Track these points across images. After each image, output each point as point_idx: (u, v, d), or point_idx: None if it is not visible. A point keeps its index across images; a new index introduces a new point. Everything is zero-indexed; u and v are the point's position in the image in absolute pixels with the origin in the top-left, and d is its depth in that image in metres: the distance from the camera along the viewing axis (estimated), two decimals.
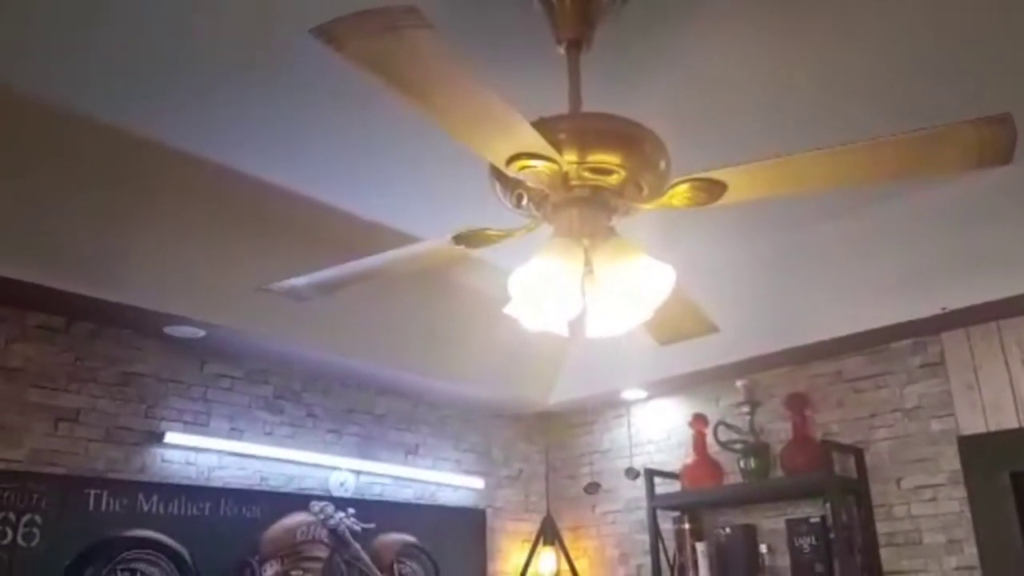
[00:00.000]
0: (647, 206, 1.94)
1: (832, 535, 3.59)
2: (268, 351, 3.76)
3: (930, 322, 3.48)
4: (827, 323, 3.66)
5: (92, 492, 3.19)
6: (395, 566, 4.10)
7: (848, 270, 3.56)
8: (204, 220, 3.20)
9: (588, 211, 1.91)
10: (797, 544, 3.81)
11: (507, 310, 1.93)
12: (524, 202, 1.95)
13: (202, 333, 3.45)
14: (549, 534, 4.73)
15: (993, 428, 3.40)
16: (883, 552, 3.61)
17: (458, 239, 2.10)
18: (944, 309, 3.33)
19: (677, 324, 2.49)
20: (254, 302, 2.95)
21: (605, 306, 1.98)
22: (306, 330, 3.53)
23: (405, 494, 4.30)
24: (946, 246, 3.30)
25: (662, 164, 1.88)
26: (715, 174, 1.81)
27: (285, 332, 3.50)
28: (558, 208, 1.93)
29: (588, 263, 1.91)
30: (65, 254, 2.93)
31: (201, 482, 3.54)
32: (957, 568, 3.40)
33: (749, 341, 3.77)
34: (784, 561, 3.87)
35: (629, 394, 4.56)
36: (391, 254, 2.25)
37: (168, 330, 3.41)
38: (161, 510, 3.35)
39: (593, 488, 4.49)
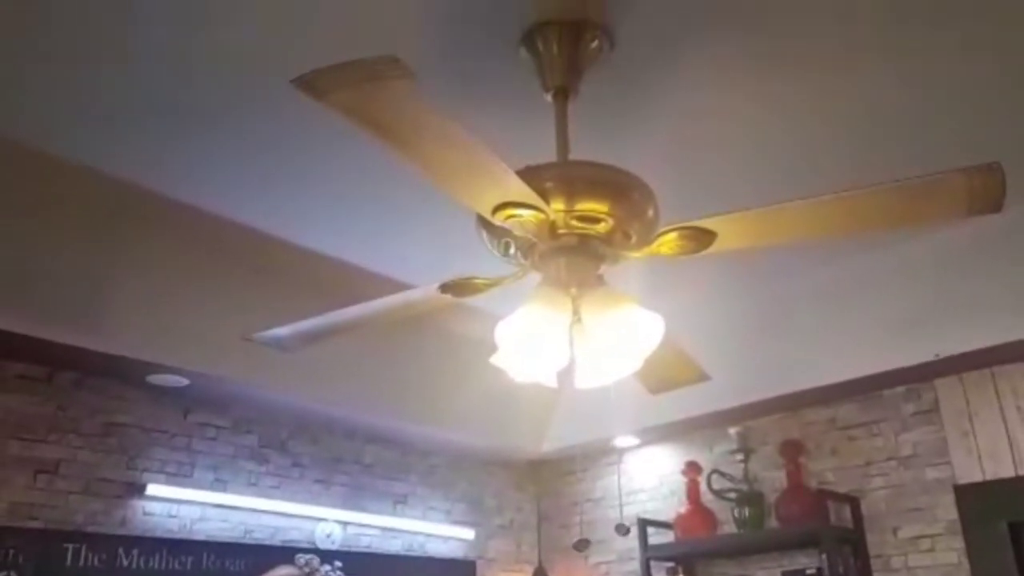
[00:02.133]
0: (636, 254, 1.92)
1: None
2: (253, 400, 3.70)
3: (923, 369, 3.45)
4: (819, 370, 3.62)
5: (71, 547, 3.10)
6: None
7: (840, 316, 3.54)
8: (188, 267, 3.17)
9: (576, 260, 1.88)
10: None
11: (494, 360, 1.89)
12: (511, 250, 1.92)
13: (186, 382, 3.39)
14: None
15: (990, 477, 3.35)
16: None
17: (445, 288, 2.07)
18: (937, 356, 3.30)
19: (668, 373, 2.45)
20: (239, 350, 2.90)
21: (594, 356, 1.94)
22: (292, 378, 3.47)
23: (394, 546, 4.21)
24: (939, 292, 3.28)
25: (650, 212, 1.86)
26: (704, 223, 1.79)
27: (271, 381, 3.44)
28: (546, 257, 1.91)
29: (576, 312, 1.88)
30: (47, 302, 2.89)
31: (183, 535, 3.45)
32: None
33: (742, 388, 3.73)
34: None
35: (621, 441, 4.50)
36: (376, 304, 2.22)
37: (152, 379, 3.36)
38: (142, 565, 3.26)
39: (582, 545, 4.40)
